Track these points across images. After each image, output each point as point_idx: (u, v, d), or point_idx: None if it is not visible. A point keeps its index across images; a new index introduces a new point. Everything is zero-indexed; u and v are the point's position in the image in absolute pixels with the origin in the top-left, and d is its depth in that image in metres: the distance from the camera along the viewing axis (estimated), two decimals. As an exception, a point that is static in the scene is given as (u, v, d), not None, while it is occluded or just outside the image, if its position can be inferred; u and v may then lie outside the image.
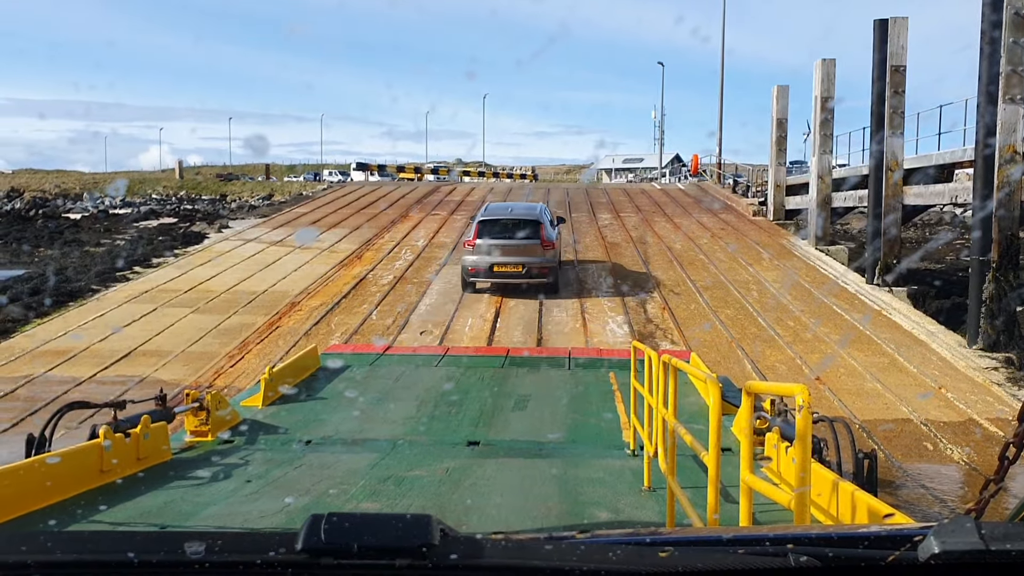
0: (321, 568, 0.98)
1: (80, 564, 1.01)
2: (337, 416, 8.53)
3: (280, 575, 0.99)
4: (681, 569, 1.01)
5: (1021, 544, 1.01)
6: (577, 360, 11.13)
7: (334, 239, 21.92)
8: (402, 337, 13.12)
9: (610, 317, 14.14)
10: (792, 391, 2.74)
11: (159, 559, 1.00)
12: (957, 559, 1.00)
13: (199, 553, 0.98)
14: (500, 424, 8.29)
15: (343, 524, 1.02)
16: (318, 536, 1.00)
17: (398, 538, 1.00)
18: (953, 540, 1.02)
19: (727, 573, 1.03)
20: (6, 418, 9.51)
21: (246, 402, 8.74)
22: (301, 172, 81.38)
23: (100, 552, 1.04)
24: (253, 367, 11.62)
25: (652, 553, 1.06)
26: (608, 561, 1.03)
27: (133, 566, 0.99)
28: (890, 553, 1.03)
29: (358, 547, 0.98)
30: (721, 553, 1.09)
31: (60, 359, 11.68)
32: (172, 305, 14.84)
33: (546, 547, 1.05)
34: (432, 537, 0.99)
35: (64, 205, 55.94)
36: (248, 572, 0.99)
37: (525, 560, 1.03)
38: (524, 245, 15.32)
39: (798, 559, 1.03)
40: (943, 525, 1.05)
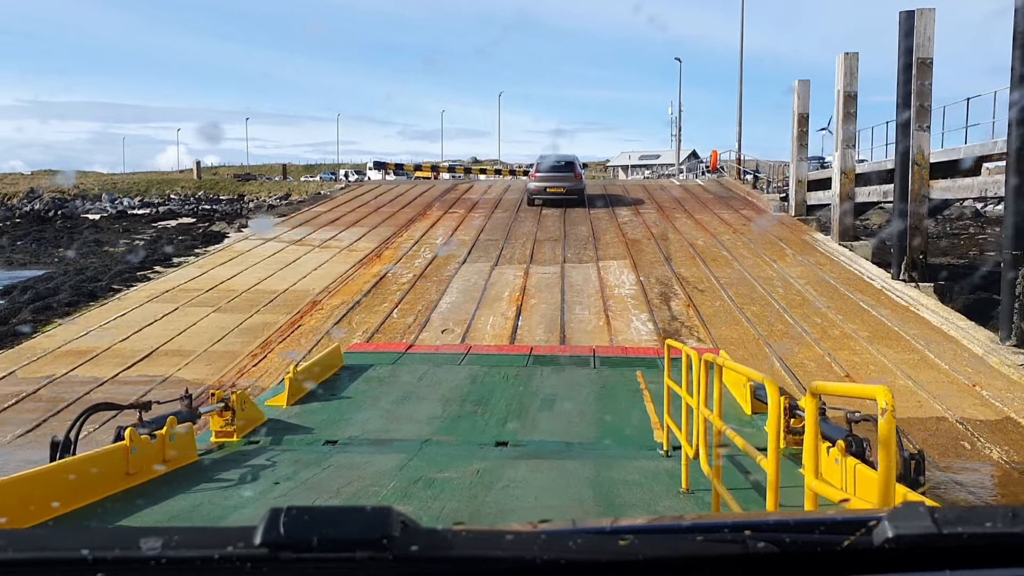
0: (280, 562, 0.97)
1: (34, 562, 0.99)
2: (362, 416, 8.43)
3: (239, 570, 0.97)
4: (641, 557, 1.02)
5: (973, 528, 1.04)
6: (602, 358, 10.99)
7: (353, 237, 21.84)
8: (423, 336, 13.00)
9: (634, 315, 13.97)
10: (872, 393, 2.57)
11: (114, 556, 0.98)
12: (911, 543, 1.03)
13: (155, 549, 0.96)
14: (528, 424, 8.16)
15: (302, 517, 1.00)
16: (277, 530, 0.98)
17: (358, 531, 0.99)
18: (907, 524, 1.04)
19: (686, 560, 1.05)
20: (29, 419, 9.45)
21: (271, 401, 8.65)
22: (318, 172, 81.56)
23: (54, 549, 1.02)
24: (275, 366, 11.54)
25: (612, 541, 1.06)
26: (568, 550, 1.03)
27: (88, 563, 0.96)
28: (846, 538, 1.05)
29: (318, 540, 0.97)
30: (680, 540, 1.10)
31: (82, 359, 11.63)
32: (193, 304, 14.78)
33: (507, 537, 1.05)
34: (392, 529, 0.99)
35: (83, 206, 56.33)
36: (206, 567, 0.97)
37: (485, 551, 1.03)
38: (564, 176, 26.11)
39: (755, 545, 1.05)
40: (897, 510, 1.08)
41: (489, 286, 16.04)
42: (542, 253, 19.14)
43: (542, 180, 26.07)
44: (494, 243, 20.36)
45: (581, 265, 17.86)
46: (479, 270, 17.49)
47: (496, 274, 17.07)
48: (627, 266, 17.64)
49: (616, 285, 16.03)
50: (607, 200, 27.50)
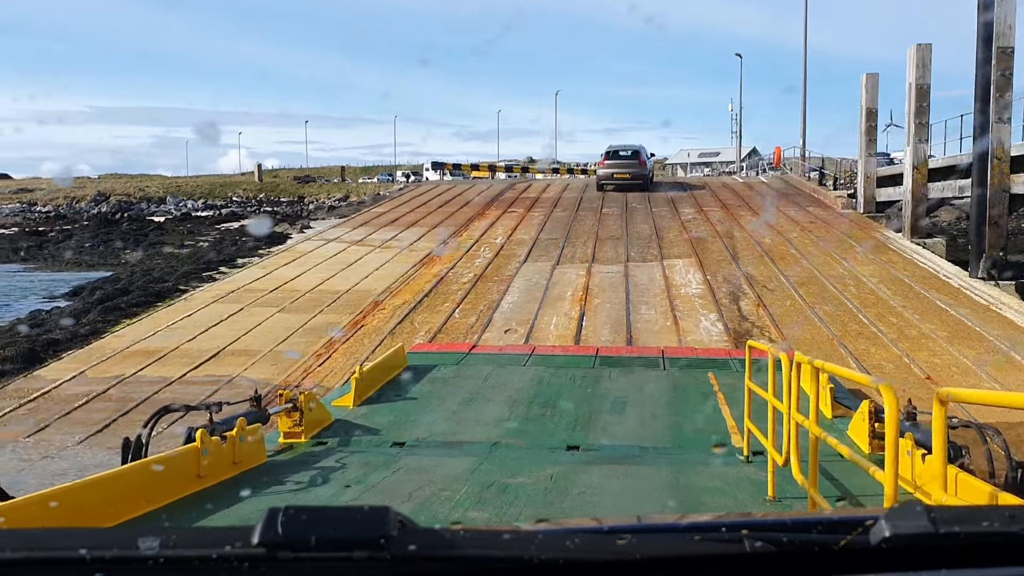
0: (278, 562, 0.97)
1: (31, 562, 0.98)
2: (429, 417, 8.29)
3: (237, 570, 0.96)
4: (639, 556, 1.02)
5: (969, 527, 1.03)
6: (672, 360, 10.70)
7: (413, 237, 21.82)
8: (486, 336, 12.85)
9: (702, 315, 13.63)
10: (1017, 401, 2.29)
11: (112, 555, 0.97)
12: (908, 542, 1.02)
13: (153, 548, 0.96)
14: (598, 427, 7.93)
15: (300, 517, 1.00)
16: (275, 530, 0.98)
17: (356, 530, 0.99)
18: (904, 524, 1.04)
19: (684, 559, 1.04)
20: (99, 419, 9.51)
21: (337, 402, 8.56)
22: (375, 173, 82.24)
23: (52, 549, 1.01)
24: (340, 366, 11.49)
25: (610, 541, 1.06)
26: (566, 550, 1.02)
27: (86, 563, 0.96)
28: (843, 537, 1.04)
29: (316, 540, 0.97)
30: (678, 540, 1.10)
31: (150, 359, 11.72)
32: (258, 305, 14.85)
33: (504, 537, 1.05)
34: (390, 529, 0.98)
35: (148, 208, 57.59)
36: (204, 567, 0.97)
37: (483, 550, 1.02)
38: (630, 163, 29.09)
39: (753, 544, 1.04)
40: (894, 509, 1.07)
41: (551, 285, 15.83)
42: (604, 252, 18.86)
43: (610, 167, 29.23)
44: (554, 242, 20.14)
45: (645, 264, 17.55)
46: (540, 269, 17.29)
47: (558, 273, 16.85)
48: (693, 265, 17.27)
49: (682, 284, 15.68)
50: (669, 198, 27.09)
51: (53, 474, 7.35)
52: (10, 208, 64.80)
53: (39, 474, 7.46)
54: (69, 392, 10.47)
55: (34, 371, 11.31)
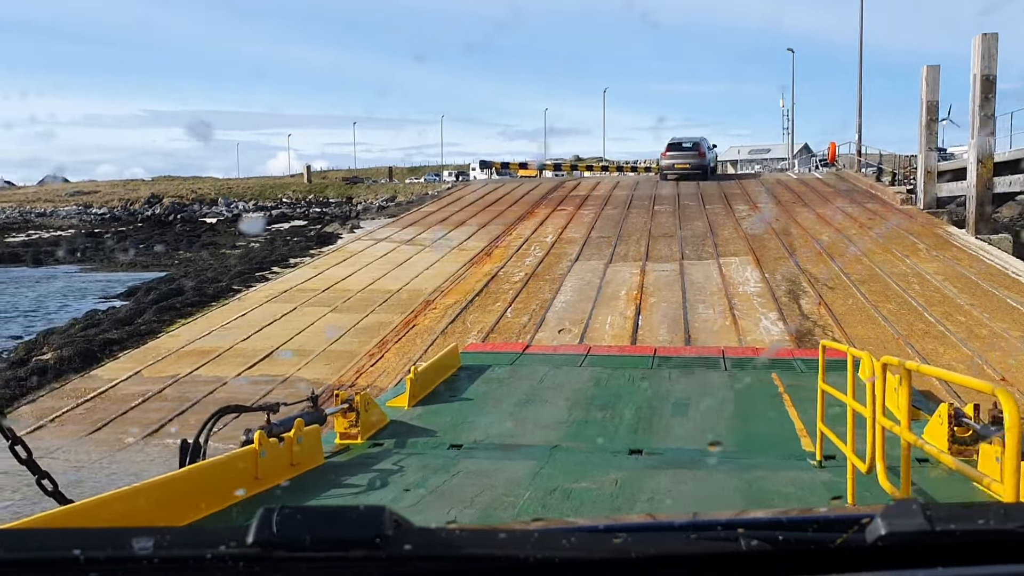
0: (273, 561, 0.95)
1: (25, 562, 0.97)
2: (485, 419, 8.11)
3: (231, 569, 0.95)
4: (635, 555, 1.02)
5: (965, 525, 1.03)
6: (733, 360, 10.39)
7: (462, 237, 21.70)
8: (540, 335, 12.65)
9: (762, 314, 13.27)
10: None
11: (107, 555, 0.96)
12: (904, 540, 1.02)
13: (147, 549, 0.95)
14: (661, 430, 7.69)
15: (295, 516, 0.99)
16: (270, 529, 0.96)
17: (352, 530, 0.98)
18: (899, 522, 1.03)
19: (680, 558, 1.04)
20: (155, 419, 9.51)
21: (392, 402, 8.43)
22: (422, 173, 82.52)
23: (45, 549, 1.00)
24: (393, 366, 11.38)
25: (606, 540, 1.06)
26: (562, 548, 1.02)
27: (79, 563, 0.95)
28: (838, 536, 1.04)
29: (311, 540, 0.95)
30: (674, 538, 1.10)
31: (205, 359, 11.73)
32: (310, 304, 14.83)
33: (500, 536, 1.04)
34: (386, 528, 0.97)
35: (200, 210, 58.48)
36: (199, 567, 0.96)
37: (479, 549, 1.02)
38: (690, 153, 30.67)
39: (749, 543, 1.04)
40: (890, 508, 1.06)
41: (604, 284, 15.57)
42: (658, 250, 18.54)
43: (672, 158, 31.05)
44: (606, 240, 19.87)
45: (701, 262, 17.20)
46: (593, 268, 17.04)
47: (611, 272, 16.59)
48: (750, 262, 16.88)
49: (740, 282, 15.32)
50: (722, 194, 26.63)
51: (109, 476, 7.32)
52: (67, 210, 66.26)
53: (96, 476, 7.43)
54: (125, 392, 10.50)
55: (91, 371, 11.38)
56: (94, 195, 71.67)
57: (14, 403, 10.11)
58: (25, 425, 9.40)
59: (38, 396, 10.42)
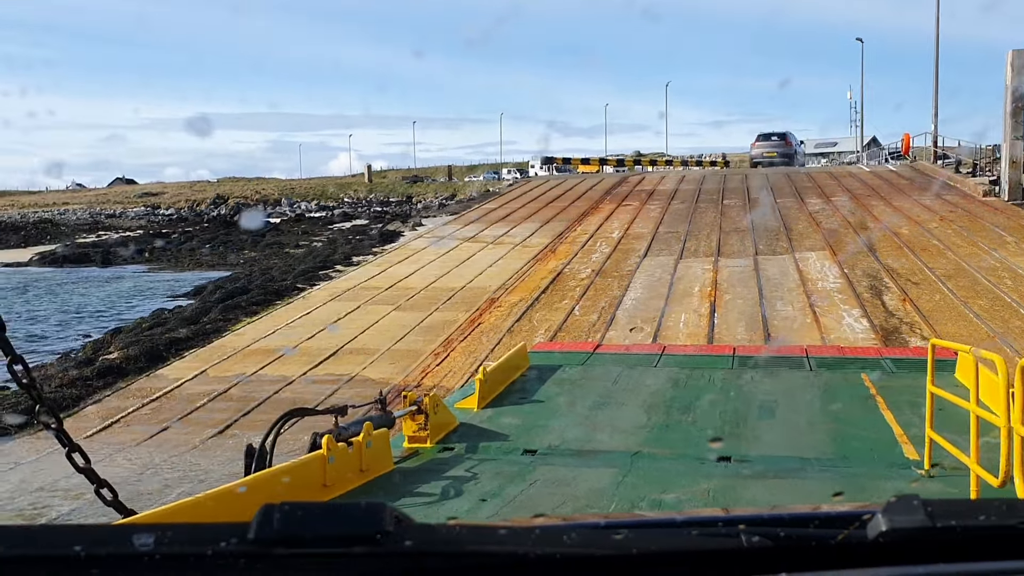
0: (274, 558, 0.93)
1: (24, 559, 0.94)
2: (559, 422, 7.73)
3: (232, 566, 0.92)
4: (635, 551, 1.00)
5: (966, 521, 1.02)
6: (817, 359, 9.83)
7: (526, 233, 21.34)
8: (610, 334, 12.21)
9: (843, 310, 12.64)
10: None
11: (107, 552, 0.93)
12: (905, 536, 1.01)
13: (148, 545, 0.92)
14: (749, 436, 7.20)
15: (296, 513, 0.97)
16: (270, 526, 0.94)
17: (352, 526, 0.95)
18: (901, 518, 1.02)
19: (681, 554, 1.03)
20: (221, 419, 9.33)
21: (460, 404, 8.09)
22: (481, 172, 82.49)
23: (45, 546, 0.96)
24: (459, 365, 11.06)
25: (607, 536, 1.04)
26: (563, 545, 1.00)
27: (80, 560, 0.91)
28: (840, 532, 1.03)
29: (312, 536, 0.93)
30: (675, 535, 1.10)
31: (270, 358, 11.56)
32: (374, 303, 14.61)
33: (500, 532, 1.02)
34: (386, 524, 0.95)
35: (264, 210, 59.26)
36: (199, 563, 0.93)
37: (479, 546, 1.00)
38: (777, 144, 34.54)
39: (750, 539, 1.02)
40: (891, 504, 1.05)
41: (676, 281, 15.06)
42: (730, 245, 17.94)
43: (761, 147, 34.98)
44: (675, 235, 19.31)
45: (775, 257, 16.56)
46: (662, 264, 16.52)
47: (682, 268, 16.05)
48: (827, 257, 16.20)
49: (818, 278, 14.67)
50: (793, 188, 25.82)
51: (174, 481, 7.12)
52: (135, 212, 67.83)
53: (160, 480, 7.24)
54: (191, 391, 10.37)
55: (157, 370, 11.30)
56: (161, 196, 73.28)
57: (80, 403, 10.04)
58: (91, 426, 9.31)
59: (104, 396, 10.35)
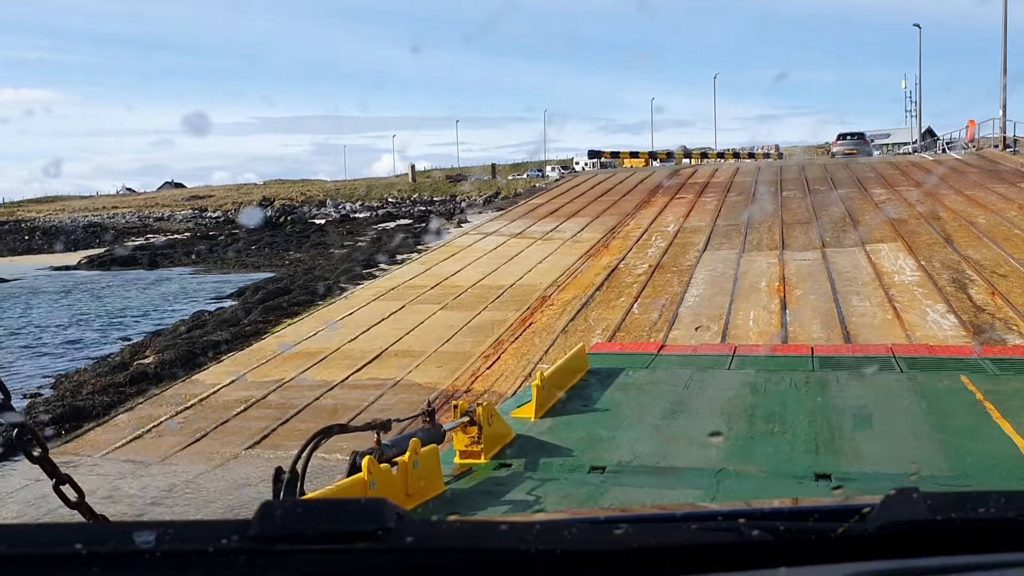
0: (275, 554, 0.92)
1: (26, 558, 0.93)
2: (628, 434, 6.91)
3: (233, 563, 0.92)
4: (635, 546, 1.00)
5: (966, 513, 1.02)
6: (906, 360, 8.86)
7: (576, 228, 20.52)
8: (674, 334, 11.35)
9: (926, 306, 11.63)
10: None
11: (108, 550, 0.92)
12: (905, 529, 1.01)
13: (149, 543, 0.91)
14: (847, 449, 6.30)
15: (297, 510, 0.98)
16: (272, 522, 0.94)
17: (354, 523, 0.96)
18: (901, 511, 1.03)
19: (681, 548, 1.03)
20: (258, 428, 8.69)
21: (516, 413, 7.28)
22: (524, 170, 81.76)
23: (46, 545, 0.96)
24: (511, 368, 10.29)
25: (606, 531, 1.05)
26: (563, 540, 1.00)
27: (81, 558, 0.91)
28: (840, 525, 1.03)
29: (313, 533, 0.93)
30: (675, 529, 1.09)
31: (311, 361, 10.92)
32: (419, 302, 13.92)
33: (501, 528, 1.02)
34: (388, 521, 0.95)
35: (310, 211, 59.22)
36: (201, 560, 0.92)
37: (480, 542, 1.00)
38: (857, 142, 39.20)
39: (750, 533, 1.02)
40: (891, 497, 1.05)
41: (740, 276, 14.14)
42: (794, 237, 16.93)
43: (841, 145, 39.16)
44: (735, 228, 18.34)
45: (844, 249, 15.53)
46: (724, 258, 15.60)
47: (745, 262, 15.11)
48: (900, 249, 15.13)
49: (894, 271, 13.64)
50: (855, 178, 24.65)
51: (204, 501, 6.45)
52: (183, 215, 68.32)
53: (187, 500, 6.58)
54: (227, 398, 9.75)
55: (193, 375, 10.71)
56: (208, 199, 73.80)
57: (111, 411, 9.48)
58: (119, 437, 8.73)
59: (136, 404, 9.78)
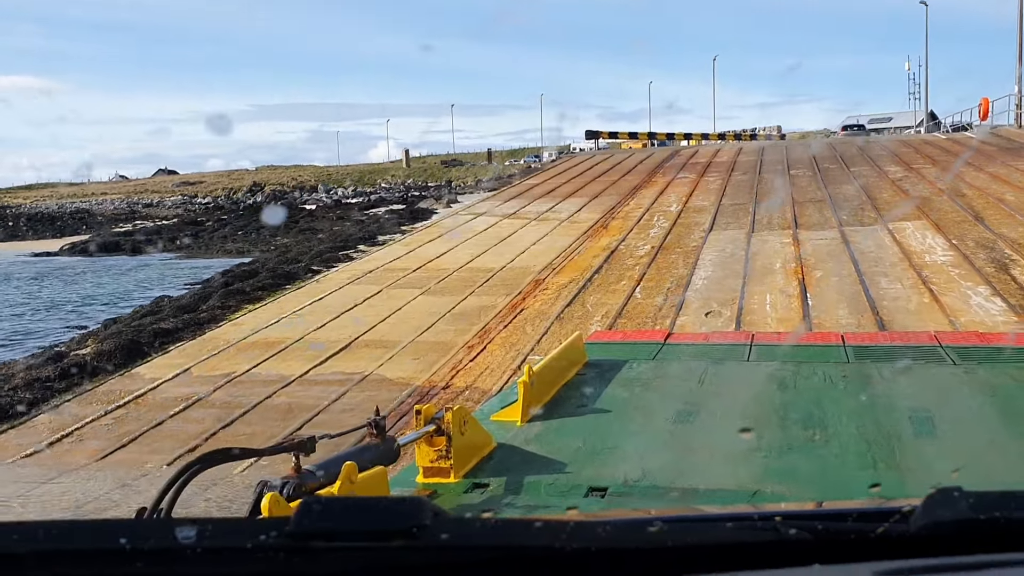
0: (313, 551, 0.93)
1: (74, 553, 0.94)
2: (634, 443, 5.56)
3: (272, 559, 0.92)
4: (671, 544, 0.99)
5: (1009, 512, 1.00)
6: (956, 350, 7.56)
7: (572, 208, 19.19)
8: (682, 320, 10.05)
9: (966, 287, 10.34)
10: None
11: (151, 546, 0.93)
12: (947, 529, 0.98)
13: (190, 538, 0.91)
14: (908, 461, 4.93)
15: (334, 507, 0.99)
16: (310, 519, 0.94)
17: (390, 520, 0.96)
18: (943, 511, 1.00)
19: (716, 547, 1.00)
20: (194, 432, 7.38)
21: (499, 415, 5.93)
22: (521, 156, 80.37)
23: (93, 540, 0.95)
24: (498, 361, 8.99)
25: (641, 529, 1.02)
26: (598, 538, 0.99)
27: (125, 553, 0.91)
28: (880, 525, 1.00)
29: (350, 530, 0.94)
30: (711, 528, 1.08)
31: (269, 352, 9.61)
32: (399, 286, 12.60)
33: (535, 526, 1.00)
34: (424, 518, 0.95)
35: (300, 197, 57.87)
36: (239, 556, 0.93)
37: (515, 540, 0.99)
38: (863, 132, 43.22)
39: (787, 532, 0.99)
40: (932, 497, 1.02)
41: (752, 257, 12.83)
42: (807, 216, 15.62)
43: (848, 134, 40.61)
44: (742, 207, 17.03)
45: (864, 228, 14.23)
46: (732, 238, 14.29)
47: (756, 242, 13.81)
48: (927, 227, 13.83)
49: (923, 251, 12.34)
50: (867, 157, 23.33)
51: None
52: (172, 201, 66.98)
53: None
54: (167, 395, 8.45)
55: (134, 368, 9.39)
56: (199, 185, 72.43)
57: (32, 410, 8.17)
58: (35, 441, 7.42)
59: (64, 401, 8.47)
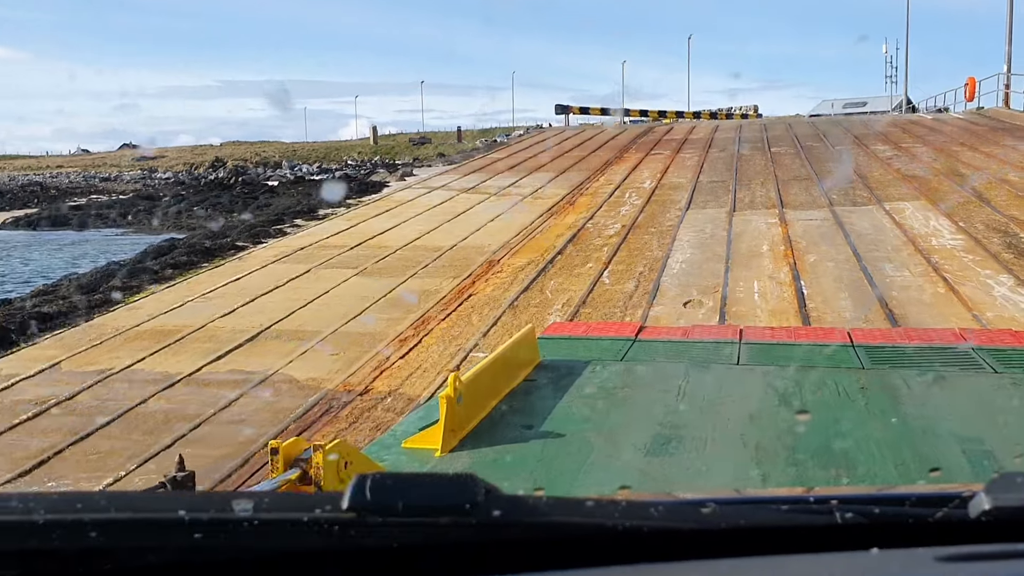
0: (367, 526, 0.93)
1: (135, 523, 0.92)
2: (595, 477, 4.02)
3: (327, 533, 0.92)
4: (724, 526, 0.97)
5: None
6: (992, 353, 6.08)
7: (537, 184, 17.65)
8: (656, 310, 8.56)
9: (985, 276, 8.94)
10: None
11: (209, 517, 0.92)
12: (1009, 515, 0.95)
13: (247, 511, 0.92)
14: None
15: (387, 483, 0.97)
16: (363, 495, 0.93)
17: (443, 496, 0.95)
18: (1005, 496, 0.96)
19: (770, 530, 0.99)
20: (36, 449, 5.77)
21: (413, 441, 4.21)
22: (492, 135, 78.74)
23: (153, 511, 0.95)
24: (434, 358, 7.45)
25: (694, 510, 1.01)
26: (650, 518, 0.98)
27: (184, 524, 0.91)
28: (938, 510, 0.97)
29: (403, 505, 0.93)
30: (764, 511, 1.05)
31: (161, 343, 8.00)
32: (330, 265, 11.00)
33: (587, 504, 1.00)
34: (477, 495, 0.94)
35: (264, 173, 55.92)
36: (295, 530, 0.93)
37: (567, 517, 0.99)
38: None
39: (844, 516, 0.97)
40: (995, 481, 0.99)
41: (735, 238, 11.37)
42: (793, 195, 14.19)
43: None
44: (722, 185, 15.57)
45: (859, 208, 12.82)
46: (712, 217, 12.82)
47: (739, 222, 12.34)
48: (928, 208, 12.45)
49: (928, 234, 10.94)
50: (853, 138, 21.99)
51: None
52: (131, 175, 64.77)
53: None
54: (21, 397, 6.82)
55: (-8, 361, 7.76)
56: (160, 160, 70.19)
57: None
58: None
59: None
